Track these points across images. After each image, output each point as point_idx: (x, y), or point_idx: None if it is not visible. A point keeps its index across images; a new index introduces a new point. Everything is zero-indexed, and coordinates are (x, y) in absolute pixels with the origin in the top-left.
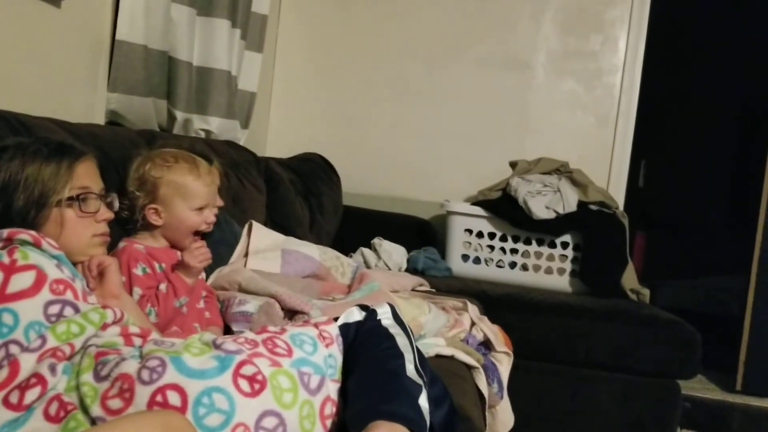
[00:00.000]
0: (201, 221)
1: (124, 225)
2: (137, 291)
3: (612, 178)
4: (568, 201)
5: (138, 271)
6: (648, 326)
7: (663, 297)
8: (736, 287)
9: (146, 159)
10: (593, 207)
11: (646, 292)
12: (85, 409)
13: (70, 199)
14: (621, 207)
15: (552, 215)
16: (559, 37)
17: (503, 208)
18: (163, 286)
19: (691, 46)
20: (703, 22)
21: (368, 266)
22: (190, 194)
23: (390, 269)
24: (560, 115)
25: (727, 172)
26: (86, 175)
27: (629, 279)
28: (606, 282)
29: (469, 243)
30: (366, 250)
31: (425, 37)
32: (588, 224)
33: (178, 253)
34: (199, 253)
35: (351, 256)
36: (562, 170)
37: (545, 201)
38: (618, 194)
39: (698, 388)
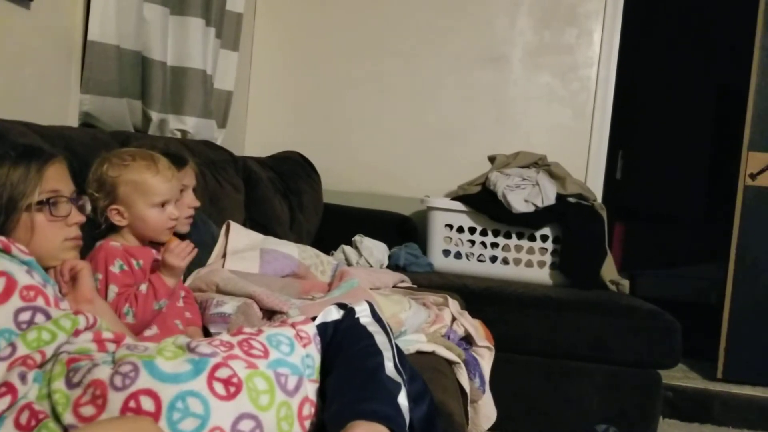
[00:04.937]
0: (165, 218)
1: (93, 229)
2: (113, 289)
3: (590, 171)
4: (547, 194)
5: (115, 268)
6: (628, 317)
7: (642, 287)
8: (715, 276)
9: (104, 159)
10: (571, 199)
11: (625, 283)
12: (57, 417)
13: (40, 203)
14: (599, 199)
15: (531, 209)
16: (534, 31)
17: (483, 202)
18: (143, 287)
19: (665, 38)
20: (677, 13)
21: (349, 263)
22: (150, 191)
23: (371, 266)
24: (537, 108)
25: (704, 162)
26: (56, 179)
27: (609, 270)
28: (586, 274)
29: (450, 238)
30: (347, 248)
31: (402, 33)
32: (567, 217)
33: (153, 251)
34: (180, 251)
35: (332, 254)
36: (540, 163)
37: (524, 194)
38: (596, 186)
39: (679, 376)
